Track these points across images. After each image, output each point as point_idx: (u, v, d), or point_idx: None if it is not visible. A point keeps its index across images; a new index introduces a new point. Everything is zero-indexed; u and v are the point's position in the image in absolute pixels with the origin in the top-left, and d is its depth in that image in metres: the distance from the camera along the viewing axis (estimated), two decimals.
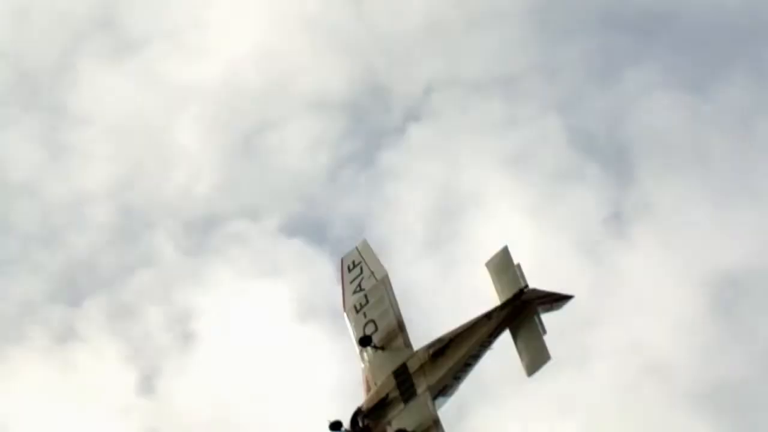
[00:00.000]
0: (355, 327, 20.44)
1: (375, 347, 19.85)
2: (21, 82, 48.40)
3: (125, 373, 40.65)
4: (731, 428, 37.21)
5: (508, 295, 19.00)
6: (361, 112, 44.77)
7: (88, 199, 44.44)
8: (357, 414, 19.52)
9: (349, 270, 21.03)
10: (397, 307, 20.23)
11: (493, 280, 19.47)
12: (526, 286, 19.06)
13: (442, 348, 19.08)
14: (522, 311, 18.87)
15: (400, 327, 19.99)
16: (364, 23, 47.16)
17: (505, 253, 19.37)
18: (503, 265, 19.33)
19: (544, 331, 18.85)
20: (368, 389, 19.53)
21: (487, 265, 19.65)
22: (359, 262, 20.90)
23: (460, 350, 18.82)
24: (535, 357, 18.35)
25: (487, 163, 42.63)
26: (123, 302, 42.38)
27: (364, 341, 19.93)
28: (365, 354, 20.04)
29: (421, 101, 44.79)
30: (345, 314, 20.75)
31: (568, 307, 19.57)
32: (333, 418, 19.44)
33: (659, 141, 43.37)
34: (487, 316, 19.01)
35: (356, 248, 21.45)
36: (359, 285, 20.72)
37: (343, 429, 19.37)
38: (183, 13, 47.14)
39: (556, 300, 19.04)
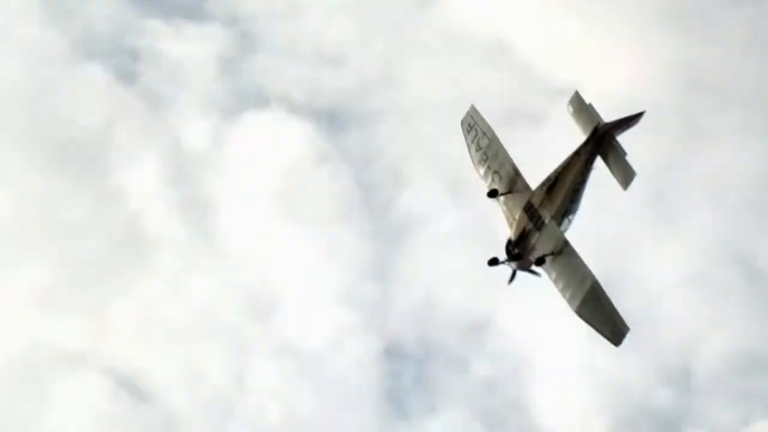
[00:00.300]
0: (485, 179, 24.53)
1: (504, 194, 24.08)
2: None
3: None
4: None
5: (587, 132, 22.87)
6: None
7: None
8: (509, 245, 23.77)
9: (468, 132, 25.01)
10: (510, 158, 24.27)
11: (576, 121, 23.18)
12: (599, 123, 22.74)
13: (552, 184, 23.21)
14: (604, 141, 22.75)
15: (517, 173, 24.05)
16: None
17: (577, 96, 23.19)
18: (578, 108, 23.13)
19: (625, 153, 22.72)
20: (510, 226, 23.85)
21: (567, 109, 23.42)
22: (474, 124, 24.91)
23: (566, 182, 23.08)
24: (625, 174, 22.41)
25: None
26: None
27: (492, 194, 24.17)
28: (499, 201, 24.20)
29: None
30: (476, 169, 24.77)
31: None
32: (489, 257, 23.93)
33: None
34: (577, 153, 23.00)
35: (468, 113, 25.14)
36: (478, 144, 24.74)
37: (501, 261, 23.73)
38: None
39: (629, 121, 22.68)
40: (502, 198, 24.13)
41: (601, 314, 22.20)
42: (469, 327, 44.26)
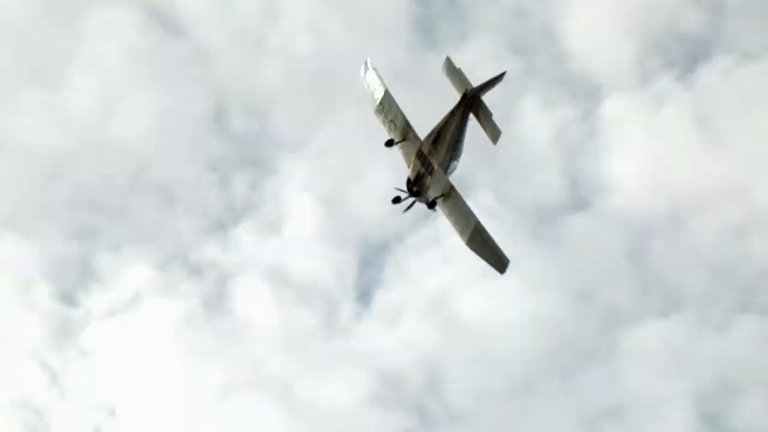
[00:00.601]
0: (383, 126, 27.66)
1: (398, 142, 27.35)
2: None
3: None
4: None
5: (459, 96, 26.01)
6: None
7: None
8: (408, 182, 27.31)
9: (365, 82, 28.15)
10: (401, 111, 27.28)
11: (450, 83, 26.13)
12: (467, 88, 25.87)
13: (436, 137, 26.52)
14: (473, 102, 25.90)
15: (408, 125, 27.18)
16: None
17: (448, 61, 26.19)
18: (450, 72, 26.15)
19: (491, 114, 25.83)
20: (408, 167, 27.33)
21: (443, 73, 26.29)
22: (369, 77, 28.01)
23: (446, 136, 26.43)
24: (492, 132, 25.73)
25: None
26: None
27: (389, 143, 27.50)
28: (398, 147, 27.46)
29: None
30: (375, 115, 27.76)
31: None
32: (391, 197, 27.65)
33: None
34: (452, 113, 26.21)
35: (364, 65, 28.11)
36: (372, 94, 27.71)
37: (403, 197, 27.39)
38: None
39: (492, 83, 25.61)
40: (397, 146, 27.45)
41: (486, 249, 26.44)
42: None
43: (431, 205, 27.27)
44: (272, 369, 47.08)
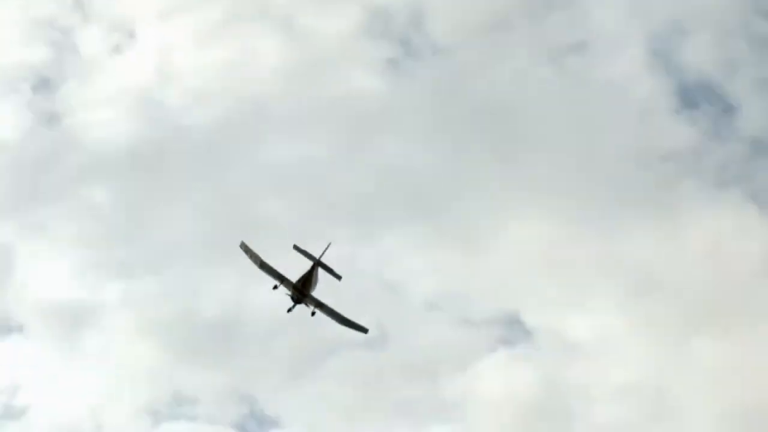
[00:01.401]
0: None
1: (281, 284, 57.52)
2: None
3: None
4: None
5: (312, 261, 56.40)
6: None
7: None
8: (292, 298, 57.75)
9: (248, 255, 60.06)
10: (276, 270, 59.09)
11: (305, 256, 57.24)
12: (318, 259, 55.58)
13: (304, 281, 56.67)
14: (320, 266, 56.28)
15: (282, 278, 58.21)
16: None
17: (296, 247, 55.42)
18: (302, 250, 56.49)
19: (338, 276, 56.72)
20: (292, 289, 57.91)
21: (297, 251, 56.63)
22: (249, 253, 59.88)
23: (310, 280, 56.65)
24: (336, 275, 56.64)
25: None
26: None
27: (275, 287, 58.43)
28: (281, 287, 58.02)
29: None
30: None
31: None
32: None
33: None
34: (309, 271, 56.62)
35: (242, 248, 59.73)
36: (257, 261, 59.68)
37: (293, 304, 58.33)
38: None
39: (329, 270, 56.30)
40: (281, 287, 58.04)
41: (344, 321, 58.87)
42: None
43: (313, 313, 57.94)
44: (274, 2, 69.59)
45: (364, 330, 57.86)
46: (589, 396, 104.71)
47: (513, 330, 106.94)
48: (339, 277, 55.01)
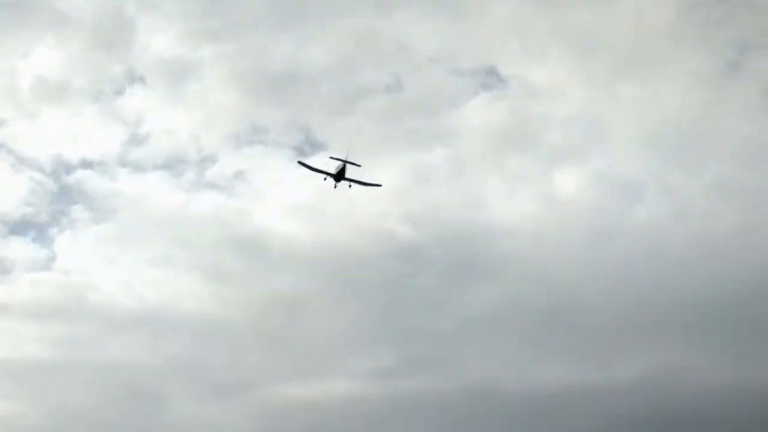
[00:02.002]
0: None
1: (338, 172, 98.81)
2: None
3: None
4: None
5: (338, 169, 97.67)
6: None
7: None
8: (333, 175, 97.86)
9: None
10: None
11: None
12: (342, 167, 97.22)
13: (341, 171, 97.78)
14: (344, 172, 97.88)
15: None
16: None
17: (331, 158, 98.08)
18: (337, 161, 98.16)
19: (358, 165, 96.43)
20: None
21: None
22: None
23: (343, 171, 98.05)
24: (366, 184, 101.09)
25: None
26: None
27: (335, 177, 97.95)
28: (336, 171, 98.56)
29: None
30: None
31: None
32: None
33: None
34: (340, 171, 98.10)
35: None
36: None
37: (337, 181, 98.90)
38: None
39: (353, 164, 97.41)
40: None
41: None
42: None
43: (349, 186, 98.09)
44: None
45: (378, 185, 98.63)
46: (545, 124, 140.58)
47: (491, 79, 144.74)
48: (359, 166, 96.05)
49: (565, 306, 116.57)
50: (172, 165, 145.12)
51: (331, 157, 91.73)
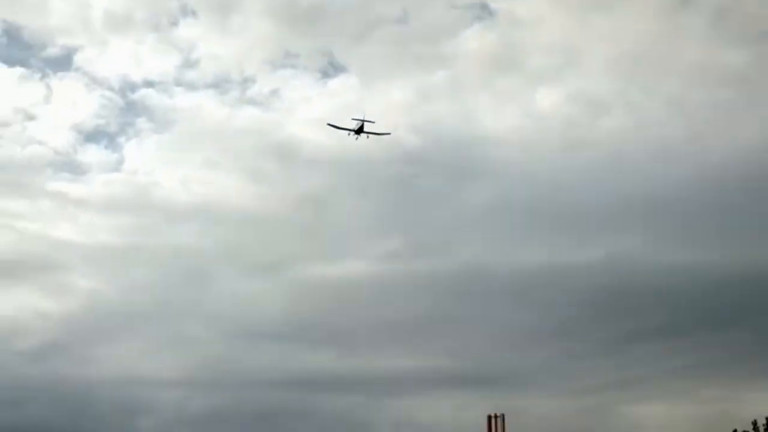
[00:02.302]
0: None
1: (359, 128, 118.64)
2: None
3: None
4: None
5: (358, 126, 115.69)
6: None
7: None
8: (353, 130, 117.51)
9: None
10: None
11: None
12: (362, 123, 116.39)
13: (361, 126, 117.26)
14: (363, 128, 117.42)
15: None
16: None
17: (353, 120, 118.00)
18: (358, 119, 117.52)
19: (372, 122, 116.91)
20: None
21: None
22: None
23: (362, 128, 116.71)
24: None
25: None
26: None
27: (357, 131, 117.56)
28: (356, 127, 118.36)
29: None
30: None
31: None
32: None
33: None
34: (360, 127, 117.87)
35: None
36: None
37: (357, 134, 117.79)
38: None
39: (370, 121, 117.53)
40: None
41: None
42: None
43: (367, 136, 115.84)
44: None
45: (388, 133, 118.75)
46: (528, 51, 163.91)
47: (483, 11, 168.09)
48: (372, 122, 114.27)
49: (543, 201, 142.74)
50: (219, 84, 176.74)
51: (353, 119, 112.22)
